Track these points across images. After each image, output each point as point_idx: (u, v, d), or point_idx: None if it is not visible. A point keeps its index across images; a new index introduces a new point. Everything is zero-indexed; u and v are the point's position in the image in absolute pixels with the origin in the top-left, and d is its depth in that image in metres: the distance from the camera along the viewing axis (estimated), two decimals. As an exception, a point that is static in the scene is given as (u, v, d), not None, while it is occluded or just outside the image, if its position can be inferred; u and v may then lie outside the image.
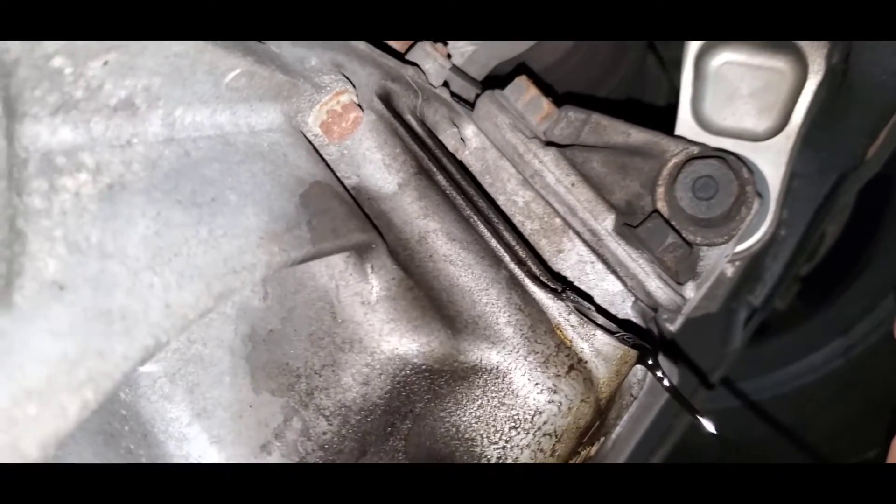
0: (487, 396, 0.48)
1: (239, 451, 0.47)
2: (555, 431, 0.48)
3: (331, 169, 0.49)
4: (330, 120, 0.50)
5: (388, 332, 0.47)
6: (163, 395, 0.48)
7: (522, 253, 0.56)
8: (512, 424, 0.48)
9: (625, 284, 0.62)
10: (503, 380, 0.49)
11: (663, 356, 0.74)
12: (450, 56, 0.73)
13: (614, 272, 0.63)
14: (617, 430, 0.64)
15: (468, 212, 0.54)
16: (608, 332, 0.51)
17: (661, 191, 0.66)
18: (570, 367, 0.49)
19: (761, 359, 1.42)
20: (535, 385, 0.48)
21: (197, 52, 0.40)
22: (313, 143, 0.51)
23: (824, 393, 1.44)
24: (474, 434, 0.48)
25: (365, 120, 0.52)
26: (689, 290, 0.64)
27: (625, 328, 0.54)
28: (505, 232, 0.57)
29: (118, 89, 0.39)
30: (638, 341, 0.53)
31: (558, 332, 0.50)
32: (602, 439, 0.59)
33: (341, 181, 0.50)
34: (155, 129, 0.41)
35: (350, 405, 0.47)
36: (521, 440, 0.48)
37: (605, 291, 0.63)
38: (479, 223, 0.54)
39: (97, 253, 0.35)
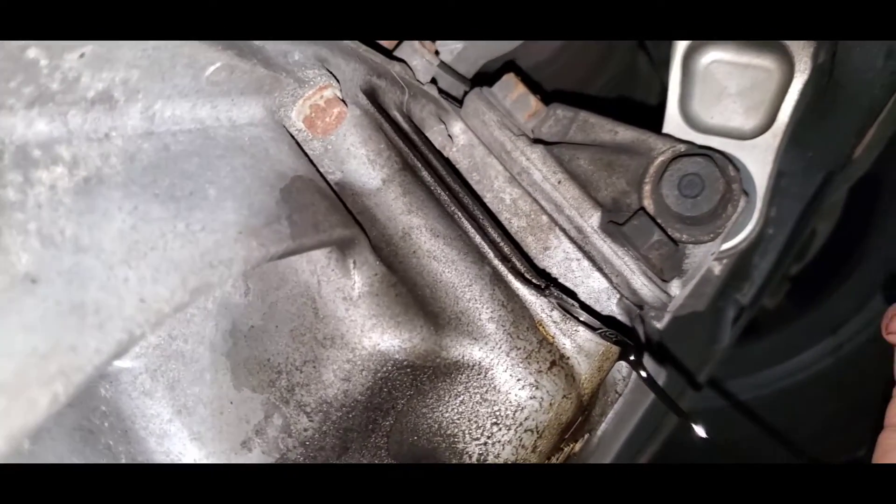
0: (469, 392, 0.48)
1: (219, 448, 0.47)
2: (536, 427, 0.48)
3: (313, 164, 0.49)
4: (313, 115, 0.50)
5: (370, 328, 0.47)
6: (143, 392, 0.48)
7: (507, 249, 0.56)
8: (494, 420, 0.48)
9: (610, 281, 0.62)
10: (485, 376, 0.48)
11: (650, 354, 0.74)
12: (438, 53, 0.73)
13: (600, 269, 0.63)
14: (602, 426, 0.64)
15: (453, 208, 0.54)
16: (591, 328, 0.51)
17: (648, 188, 0.66)
18: (552, 363, 0.49)
19: (750, 358, 1.43)
20: (517, 381, 0.48)
21: (176, 45, 0.40)
22: (297, 137, 0.50)
23: (813, 392, 1.44)
24: (456, 430, 0.48)
25: (349, 115, 0.52)
26: (675, 287, 0.64)
27: (609, 325, 0.54)
28: (490, 228, 0.57)
29: (96, 82, 0.38)
30: (620, 337, 0.53)
31: (541, 328, 0.50)
32: (587, 436, 0.59)
33: (324, 176, 0.50)
34: (134, 122, 0.41)
35: (331, 401, 0.47)
36: (502, 436, 0.48)
37: (591, 288, 0.63)
38: (463, 219, 0.54)
39: (72, 246, 0.34)
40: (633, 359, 0.53)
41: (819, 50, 0.74)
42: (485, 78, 0.77)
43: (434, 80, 0.71)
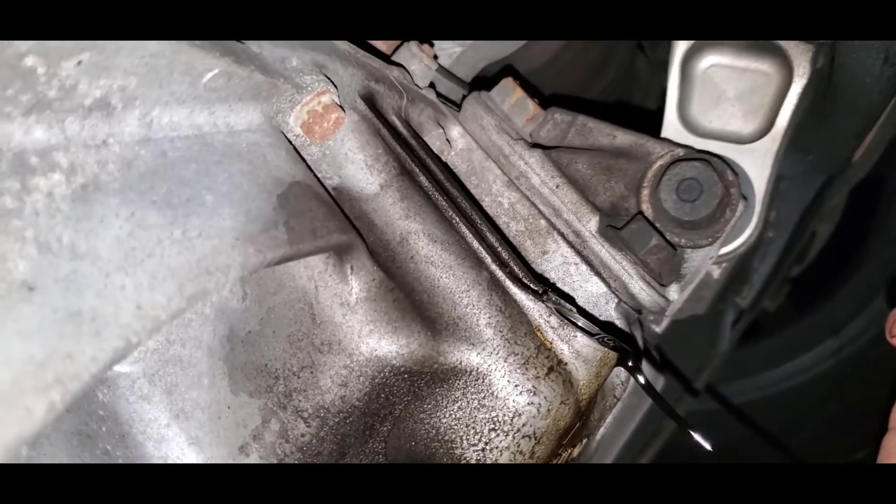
0: (467, 398, 0.48)
1: (217, 453, 0.47)
2: (534, 433, 0.48)
3: (311, 169, 0.49)
4: (311, 120, 0.50)
5: (368, 333, 0.47)
6: (141, 396, 0.48)
7: (505, 254, 0.56)
8: (491, 426, 0.48)
9: (608, 286, 0.62)
10: (483, 381, 0.48)
11: (649, 359, 0.74)
12: (436, 57, 0.73)
13: (598, 274, 0.63)
14: (601, 431, 0.64)
15: (451, 213, 0.54)
16: (588, 333, 0.51)
17: (646, 193, 0.66)
18: (550, 369, 0.49)
19: (751, 360, 1.43)
20: (515, 387, 0.48)
21: (173, 52, 0.40)
22: (294, 143, 0.50)
23: (815, 394, 1.44)
24: (454, 436, 0.48)
25: (347, 120, 0.52)
26: (673, 291, 0.64)
27: (607, 330, 0.54)
28: (488, 233, 0.57)
29: (93, 89, 0.39)
30: (618, 343, 0.53)
31: (539, 333, 0.50)
32: (585, 441, 0.59)
33: (322, 182, 0.50)
34: (131, 129, 0.41)
35: (328, 407, 0.47)
36: (500, 442, 0.48)
37: (589, 293, 0.63)
38: (461, 224, 0.54)
39: (69, 254, 0.34)
40: (630, 364, 0.53)
41: (817, 54, 0.74)
42: (483, 82, 0.77)
43: (432, 85, 0.71)
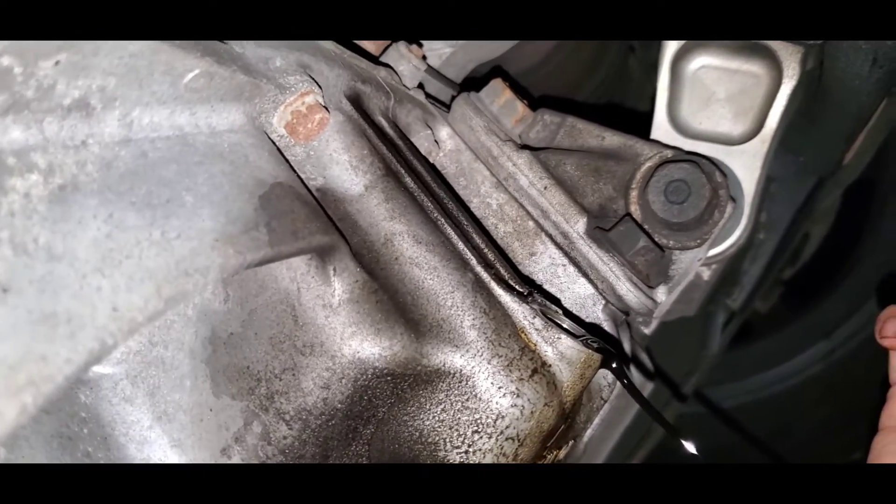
0: (451, 400, 0.48)
1: (199, 455, 0.47)
2: (517, 435, 0.48)
3: (294, 170, 0.49)
4: (295, 121, 0.50)
5: (350, 335, 0.47)
6: (124, 398, 0.48)
7: (490, 256, 0.56)
8: (475, 428, 0.48)
9: (596, 287, 0.62)
10: (466, 383, 0.48)
11: (636, 361, 0.74)
12: (425, 58, 0.72)
13: (585, 275, 0.63)
14: (588, 432, 0.64)
15: (436, 214, 0.54)
16: (572, 335, 0.51)
17: (634, 194, 0.66)
18: (534, 371, 0.49)
19: (743, 362, 1.43)
20: (499, 389, 0.48)
21: (152, 52, 0.40)
22: (278, 143, 0.50)
23: (806, 396, 1.44)
24: (437, 438, 0.48)
25: (332, 121, 0.52)
26: (661, 293, 0.64)
27: (592, 332, 0.54)
28: (474, 235, 0.57)
29: (72, 89, 0.38)
30: (602, 345, 0.52)
31: (523, 335, 0.50)
32: (571, 443, 0.59)
33: (305, 183, 0.49)
34: (111, 129, 0.41)
35: (311, 409, 0.47)
36: (483, 444, 0.48)
37: (577, 294, 0.63)
38: (446, 226, 0.54)
39: (45, 255, 0.34)
40: (615, 366, 0.53)
41: (807, 55, 0.74)
42: (473, 83, 0.77)
43: (421, 85, 0.71)
